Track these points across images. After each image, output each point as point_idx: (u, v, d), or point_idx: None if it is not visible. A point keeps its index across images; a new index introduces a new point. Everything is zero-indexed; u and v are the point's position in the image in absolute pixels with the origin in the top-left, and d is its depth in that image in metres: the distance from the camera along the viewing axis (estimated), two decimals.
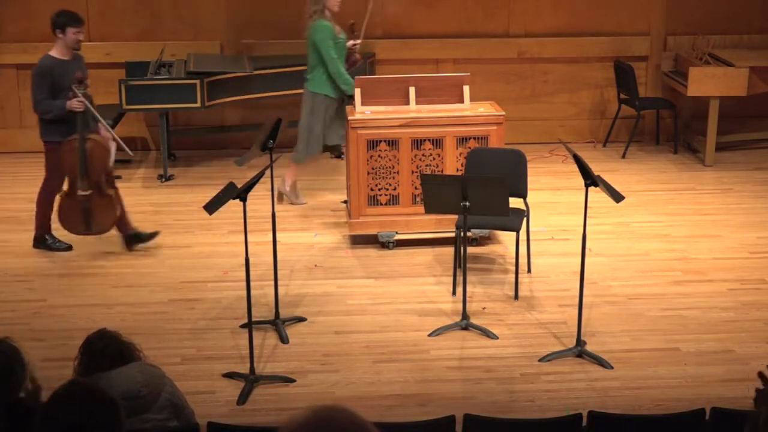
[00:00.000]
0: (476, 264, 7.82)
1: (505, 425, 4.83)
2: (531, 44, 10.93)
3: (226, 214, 6.52)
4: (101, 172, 7.67)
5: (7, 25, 10.59)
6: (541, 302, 7.28)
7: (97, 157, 7.58)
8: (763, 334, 6.76)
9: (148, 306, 7.24)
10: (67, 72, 7.65)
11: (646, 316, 7.06)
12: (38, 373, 4.41)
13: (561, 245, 8.06)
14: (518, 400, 6.01)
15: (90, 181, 7.64)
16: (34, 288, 7.51)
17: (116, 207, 7.75)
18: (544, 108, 11.04)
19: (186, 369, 6.25)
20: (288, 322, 6.88)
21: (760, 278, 7.57)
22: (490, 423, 4.78)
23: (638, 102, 10.67)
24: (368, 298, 7.39)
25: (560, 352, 6.50)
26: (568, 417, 4.78)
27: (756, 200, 7.57)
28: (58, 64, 7.70)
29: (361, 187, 8.12)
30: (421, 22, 10.78)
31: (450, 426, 4.68)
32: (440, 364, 6.45)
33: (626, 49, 10.98)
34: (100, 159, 7.61)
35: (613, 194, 6.37)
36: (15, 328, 6.76)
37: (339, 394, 6.08)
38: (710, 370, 6.39)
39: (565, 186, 8.98)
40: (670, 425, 4.70)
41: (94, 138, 7.60)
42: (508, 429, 4.79)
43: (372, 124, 8.01)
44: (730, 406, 4.84)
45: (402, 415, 5.62)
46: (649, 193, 8.53)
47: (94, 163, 7.58)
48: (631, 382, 6.21)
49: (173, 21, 10.67)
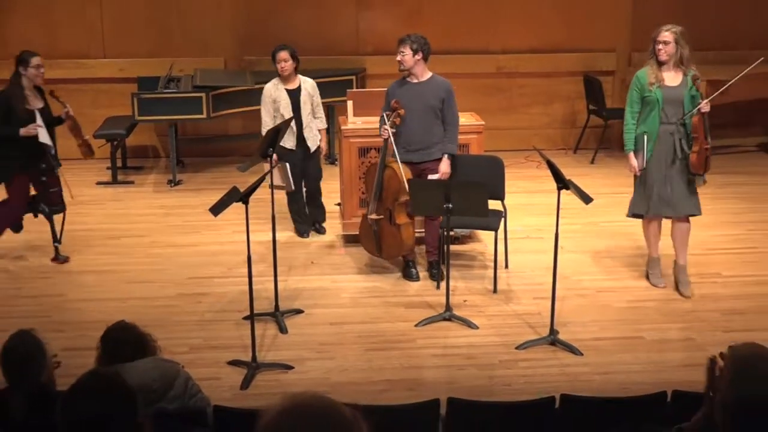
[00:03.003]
0: (458, 260, 7.82)
1: (485, 407, 4.83)
2: (508, 60, 10.95)
3: (230, 216, 6.50)
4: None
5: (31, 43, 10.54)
6: (517, 295, 7.29)
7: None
8: (719, 323, 6.78)
9: (159, 300, 7.24)
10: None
11: (613, 308, 7.07)
12: (61, 361, 4.43)
13: (536, 243, 8.08)
14: (497, 384, 6.02)
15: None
16: (55, 284, 7.50)
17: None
18: (520, 118, 11.06)
19: (194, 357, 6.24)
20: (287, 314, 6.88)
21: (716, 272, 7.59)
22: (472, 405, 4.78)
23: (605, 112, 10.70)
24: (360, 292, 7.39)
25: (535, 341, 6.51)
26: (543, 399, 4.78)
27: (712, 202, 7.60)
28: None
29: (353, 191, 8.12)
30: None
31: (435, 408, 4.68)
32: (426, 352, 6.46)
33: (594, 64, 11.01)
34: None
35: (583, 196, 6.38)
36: (37, 320, 6.74)
37: (334, 379, 6.08)
38: (671, 356, 6.40)
39: (539, 189, 8.98)
40: (635, 407, 4.70)
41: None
42: (488, 411, 4.78)
43: (363, 133, 8.01)
44: (690, 389, 4.83)
45: (391, 398, 5.61)
46: (615, 195, 8.52)
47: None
48: (599, 368, 6.22)
49: (181, 39, 10.66)
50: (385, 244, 7.44)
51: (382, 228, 7.39)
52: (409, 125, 7.20)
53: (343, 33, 10.80)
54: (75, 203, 9.24)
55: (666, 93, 6.80)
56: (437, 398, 4.72)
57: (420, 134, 7.22)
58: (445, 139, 7.27)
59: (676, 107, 6.83)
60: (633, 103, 6.96)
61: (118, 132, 9.96)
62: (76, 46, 10.61)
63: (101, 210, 9.15)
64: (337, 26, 10.76)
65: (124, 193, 7.64)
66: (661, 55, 6.80)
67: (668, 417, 4.48)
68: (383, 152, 7.19)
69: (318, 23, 10.63)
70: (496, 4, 10.85)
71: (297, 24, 10.57)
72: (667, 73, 6.83)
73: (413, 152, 7.24)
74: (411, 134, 7.21)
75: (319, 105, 8.19)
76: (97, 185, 9.90)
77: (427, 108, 7.19)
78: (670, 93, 6.80)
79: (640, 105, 6.91)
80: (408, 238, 7.31)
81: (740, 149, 10.88)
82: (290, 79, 8.07)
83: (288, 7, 10.64)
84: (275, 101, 8.02)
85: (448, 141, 7.28)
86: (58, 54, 10.55)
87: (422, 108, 7.18)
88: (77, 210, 9.10)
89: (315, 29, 10.55)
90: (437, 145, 7.27)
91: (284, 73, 8.01)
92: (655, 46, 6.83)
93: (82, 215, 9.01)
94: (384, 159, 7.20)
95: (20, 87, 7.43)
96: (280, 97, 8.02)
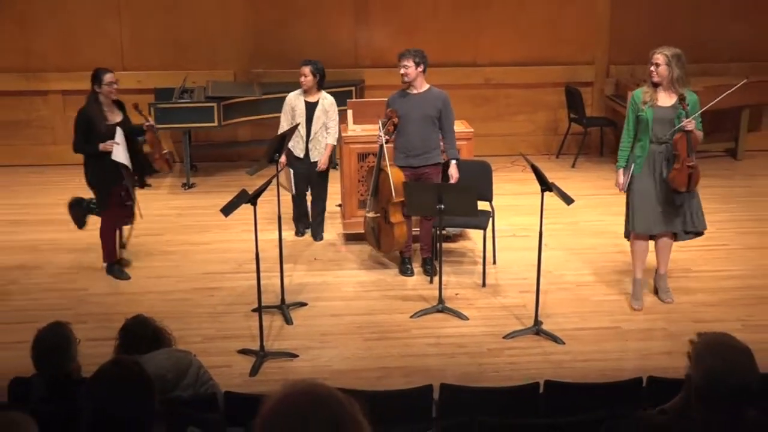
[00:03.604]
0: (450, 257, 7.82)
1: (474, 392, 4.83)
2: (495, 72, 10.94)
3: (240, 216, 6.50)
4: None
5: (54, 57, 10.55)
6: (504, 289, 7.29)
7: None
8: (690, 314, 6.79)
9: (174, 294, 7.23)
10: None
11: (592, 300, 7.08)
12: (83, 350, 4.43)
13: (521, 241, 8.07)
14: (486, 371, 6.02)
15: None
16: (79, 279, 7.49)
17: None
18: (507, 126, 11.05)
19: (206, 347, 6.23)
20: (292, 306, 6.87)
21: (687, 268, 7.59)
22: (462, 390, 4.79)
23: (585, 120, 10.70)
24: (359, 286, 7.39)
25: (521, 331, 6.51)
26: (528, 385, 4.78)
27: None
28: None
29: (353, 193, 8.12)
30: None
31: (429, 393, 4.68)
32: (420, 341, 6.46)
33: (575, 76, 11.01)
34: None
35: (565, 198, 6.38)
36: (62, 312, 6.73)
37: (335, 367, 6.08)
38: (647, 345, 6.41)
39: (524, 191, 8.97)
40: (613, 392, 4.71)
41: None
42: (478, 396, 4.78)
43: (362, 139, 8.00)
44: (664, 375, 4.85)
45: (388, 384, 5.61)
46: (595, 196, 8.54)
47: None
48: (580, 356, 6.22)
49: (194, 53, 10.64)
50: (382, 240, 7.44)
51: (379, 225, 7.40)
52: (409, 133, 7.20)
53: (342, 48, 10.78)
54: None
55: (656, 113, 6.46)
56: (431, 384, 4.73)
57: (419, 141, 7.21)
58: (447, 145, 7.27)
59: (665, 127, 6.47)
60: (629, 122, 6.62)
61: (138, 139, 9.94)
62: (97, 59, 10.53)
63: None
64: (338, 42, 10.74)
65: (142, 195, 7.61)
66: (653, 77, 6.46)
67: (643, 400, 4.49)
68: (379, 157, 7.19)
69: (320, 39, 10.62)
70: (483, 21, 10.84)
71: (300, 39, 10.56)
72: (662, 93, 6.50)
73: (413, 157, 7.24)
74: (411, 141, 7.21)
75: (333, 121, 8.11)
76: None
77: (426, 117, 7.18)
78: (660, 113, 6.46)
79: (636, 124, 6.58)
80: (401, 236, 7.30)
81: (709, 154, 10.87)
82: (311, 92, 8.03)
83: (292, 23, 10.63)
84: (293, 109, 8.02)
85: (450, 147, 7.27)
86: (81, 67, 10.50)
87: (421, 117, 7.18)
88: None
89: (317, 44, 10.53)
90: (434, 151, 7.27)
91: (304, 86, 7.98)
92: (649, 67, 6.53)
93: None
94: (379, 163, 7.21)
95: (98, 104, 7.17)
96: (298, 107, 8.01)
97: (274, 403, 2.14)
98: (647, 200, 6.61)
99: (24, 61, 10.49)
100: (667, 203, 6.60)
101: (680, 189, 6.51)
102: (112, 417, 2.66)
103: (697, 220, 6.72)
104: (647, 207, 6.62)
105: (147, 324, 4.43)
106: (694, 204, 6.68)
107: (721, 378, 2.83)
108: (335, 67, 10.49)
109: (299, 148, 8.04)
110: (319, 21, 10.66)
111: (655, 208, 6.62)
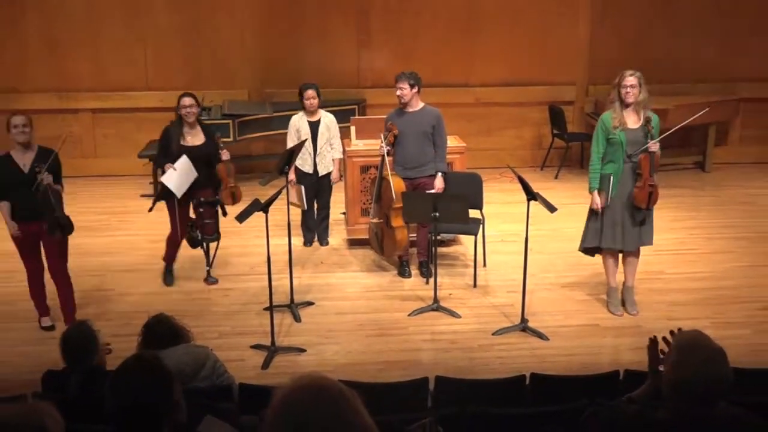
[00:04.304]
0: (444, 260, 7.80)
1: (467, 384, 4.82)
2: (485, 92, 10.94)
3: (253, 223, 6.49)
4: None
5: (85, 79, 10.56)
6: (494, 289, 7.28)
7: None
8: (663, 312, 6.77)
9: (193, 293, 7.22)
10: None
11: (574, 300, 7.06)
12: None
13: (509, 245, 8.06)
14: (477, 365, 6.00)
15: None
16: (105, 280, 7.48)
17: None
18: (496, 140, 11.04)
19: (222, 342, 6.22)
20: (300, 305, 6.86)
21: (661, 270, 7.58)
22: (456, 383, 4.78)
23: (567, 136, 10.70)
24: (362, 287, 7.38)
25: (509, 328, 6.50)
26: (515, 377, 4.77)
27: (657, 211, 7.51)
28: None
29: (356, 202, 8.11)
30: None
31: (424, 385, 4.67)
32: (417, 337, 6.44)
33: (558, 95, 11.01)
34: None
35: (549, 206, 6.38)
36: (89, 310, 6.74)
37: (339, 361, 6.07)
38: (623, 341, 6.39)
39: (511, 200, 8.94)
40: (593, 384, 4.69)
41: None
42: (470, 387, 4.77)
43: (364, 153, 8.00)
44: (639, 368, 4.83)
45: (388, 377, 5.59)
46: (576, 205, 8.49)
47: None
48: (563, 351, 6.21)
49: (212, 74, 10.65)
50: (385, 244, 7.42)
51: (382, 230, 7.38)
52: (406, 147, 7.20)
53: (346, 70, 10.78)
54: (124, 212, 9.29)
55: (628, 135, 6.35)
56: (427, 376, 4.72)
57: (415, 155, 7.21)
58: (436, 159, 7.27)
59: (636, 147, 6.38)
60: (599, 144, 6.44)
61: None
62: (123, 80, 10.59)
63: (144, 218, 9.08)
64: (342, 64, 10.75)
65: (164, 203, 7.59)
66: (628, 98, 6.30)
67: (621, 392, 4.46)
68: (381, 165, 7.19)
69: (325, 61, 10.62)
70: (474, 46, 10.84)
71: (308, 61, 10.57)
72: (629, 116, 6.38)
73: (410, 169, 7.25)
74: (407, 155, 7.22)
75: (336, 137, 8.09)
76: (140, 197, 9.88)
77: (421, 133, 7.19)
78: (632, 135, 6.36)
79: (605, 146, 6.47)
80: (402, 239, 7.29)
81: (679, 166, 10.87)
82: (314, 113, 8.03)
83: (301, 47, 10.63)
84: (298, 130, 8.00)
85: (439, 160, 7.28)
86: (108, 87, 10.55)
87: (416, 133, 7.18)
88: (124, 218, 9.12)
89: (323, 66, 10.55)
90: (429, 164, 7.27)
91: (311, 108, 7.95)
92: (621, 89, 6.34)
93: (128, 223, 9.00)
94: (381, 171, 7.20)
95: (179, 125, 7.05)
96: (302, 128, 7.99)
97: (284, 395, 2.16)
98: (618, 218, 6.53)
99: (58, 81, 10.50)
100: (632, 219, 6.54)
101: (640, 206, 6.46)
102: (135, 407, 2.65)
103: (647, 237, 6.66)
104: (617, 224, 6.55)
105: (167, 321, 4.42)
106: (648, 221, 6.61)
107: (697, 376, 2.82)
108: (339, 86, 10.51)
109: (308, 164, 8.03)
110: (325, 46, 10.67)
111: (625, 224, 6.54)
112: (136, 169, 10.31)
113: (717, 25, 10.90)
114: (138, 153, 10.01)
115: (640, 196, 6.43)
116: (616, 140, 6.40)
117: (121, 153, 10.58)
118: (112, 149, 10.69)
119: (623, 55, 10.67)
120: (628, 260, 6.77)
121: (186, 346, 4.35)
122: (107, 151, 10.71)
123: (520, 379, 4.72)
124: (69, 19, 10.33)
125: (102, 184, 10.19)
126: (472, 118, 10.88)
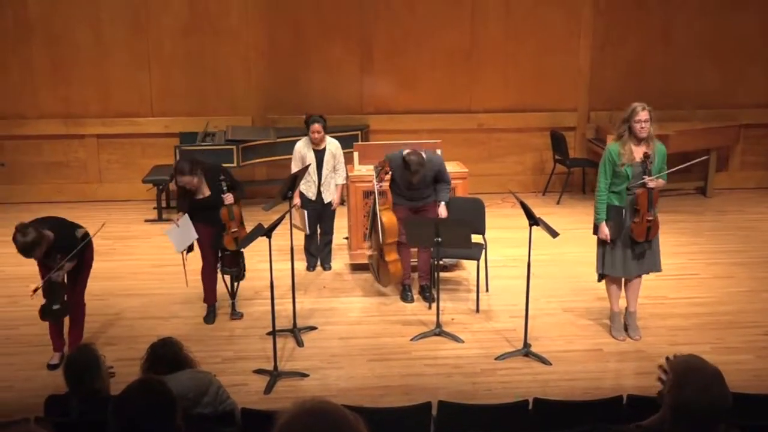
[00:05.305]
0: (446, 285, 7.79)
1: (470, 409, 4.80)
2: (487, 118, 10.97)
3: (256, 248, 6.50)
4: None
5: (90, 105, 10.61)
6: (496, 314, 7.26)
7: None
8: (666, 338, 6.75)
9: (197, 318, 7.20)
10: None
11: (576, 324, 7.04)
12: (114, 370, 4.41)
13: (511, 270, 8.05)
14: (479, 389, 5.98)
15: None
16: (110, 305, 7.47)
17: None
18: (498, 166, 11.06)
19: (225, 366, 6.20)
20: (303, 330, 6.85)
21: (663, 295, 7.57)
22: (458, 407, 4.75)
23: (569, 161, 10.72)
24: (364, 312, 7.36)
25: (511, 353, 6.48)
26: (518, 402, 4.75)
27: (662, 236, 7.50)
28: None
29: (359, 227, 8.11)
30: (404, 101, 10.82)
31: (427, 410, 4.64)
32: (419, 362, 6.42)
33: (559, 121, 11.03)
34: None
35: (551, 231, 6.37)
36: (94, 335, 6.74)
37: (342, 385, 6.04)
38: (626, 365, 6.37)
39: (514, 225, 8.94)
40: (596, 409, 4.67)
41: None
42: (472, 412, 4.75)
43: (367, 179, 7.99)
44: (642, 393, 4.81)
45: (390, 401, 5.57)
46: (578, 230, 8.50)
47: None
48: (566, 375, 6.18)
49: (215, 101, 10.69)
50: (381, 274, 7.47)
51: (378, 262, 7.41)
52: (410, 191, 7.30)
53: (349, 96, 10.82)
54: (129, 237, 9.28)
55: (634, 168, 6.33)
56: (429, 401, 4.69)
57: (418, 193, 7.34)
58: (438, 191, 7.33)
59: (637, 179, 6.34)
60: (607, 175, 6.39)
61: (162, 178, 9.97)
62: (128, 106, 10.65)
63: (148, 243, 9.13)
64: (345, 91, 10.79)
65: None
66: (643, 133, 6.23)
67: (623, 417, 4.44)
68: (374, 202, 7.24)
69: (329, 88, 10.67)
70: (477, 72, 10.89)
71: (312, 88, 10.62)
72: (639, 149, 6.32)
73: (413, 201, 7.36)
74: (411, 195, 7.32)
75: (341, 163, 8.10)
76: (145, 222, 9.89)
77: (424, 181, 7.28)
78: (637, 168, 6.33)
79: (612, 177, 6.38)
80: (396, 272, 7.30)
81: (681, 192, 10.88)
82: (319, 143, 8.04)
83: (304, 74, 10.68)
84: (303, 158, 8.01)
85: (441, 192, 7.32)
86: (114, 114, 10.60)
87: (419, 181, 7.24)
88: (129, 243, 9.12)
89: (326, 93, 10.59)
90: (431, 196, 7.35)
91: (317, 140, 7.95)
92: (635, 125, 6.24)
93: (132, 247, 9.00)
94: (375, 207, 7.24)
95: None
96: (307, 156, 8.00)
97: (287, 420, 2.14)
98: (619, 246, 6.54)
99: (64, 108, 10.55)
100: (632, 251, 6.54)
101: (639, 240, 6.46)
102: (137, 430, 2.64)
103: (653, 264, 6.65)
104: (618, 252, 6.55)
105: (173, 346, 4.41)
106: (654, 248, 6.60)
107: (695, 400, 2.82)
108: (342, 113, 10.55)
109: (311, 192, 8.05)
110: (328, 73, 10.71)
111: (626, 252, 6.54)
112: (141, 194, 10.33)
113: (717, 51, 10.95)
114: (142, 178, 10.05)
115: (638, 231, 6.45)
116: (623, 173, 6.38)
117: (126, 178, 10.61)
118: (117, 174, 10.73)
119: (624, 82, 10.73)
120: (630, 286, 6.76)
121: (190, 371, 4.33)
122: (112, 176, 10.74)
123: (523, 404, 4.70)
124: (75, 45, 10.40)
125: (106, 209, 10.20)
126: (474, 144, 10.91)
